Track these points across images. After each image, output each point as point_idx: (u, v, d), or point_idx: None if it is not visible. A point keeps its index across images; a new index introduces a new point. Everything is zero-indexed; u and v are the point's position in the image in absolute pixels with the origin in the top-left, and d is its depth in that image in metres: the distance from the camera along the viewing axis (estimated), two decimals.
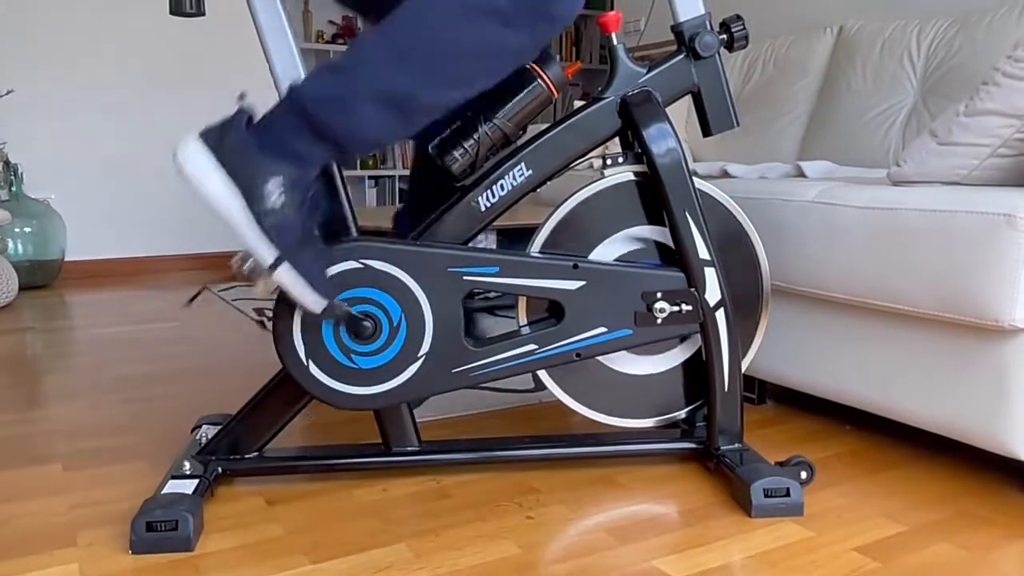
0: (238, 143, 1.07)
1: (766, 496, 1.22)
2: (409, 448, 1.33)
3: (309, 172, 1.12)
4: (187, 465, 1.25)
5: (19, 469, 1.42)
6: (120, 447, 1.52)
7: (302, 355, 1.23)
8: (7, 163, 3.34)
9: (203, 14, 1.17)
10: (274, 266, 1.08)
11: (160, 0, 3.58)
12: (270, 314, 1.83)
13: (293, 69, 1.20)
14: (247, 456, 1.30)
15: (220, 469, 1.28)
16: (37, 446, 1.54)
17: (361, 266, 1.21)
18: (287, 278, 1.09)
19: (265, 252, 1.08)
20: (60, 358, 2.22)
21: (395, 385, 1.25)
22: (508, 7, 1.08)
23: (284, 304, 1.20)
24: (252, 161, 1.07)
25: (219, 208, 1.07)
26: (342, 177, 1.22)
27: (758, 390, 1.78)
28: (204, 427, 1.39)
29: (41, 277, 3.39)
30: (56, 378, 2.02)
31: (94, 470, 1.41)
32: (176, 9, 1.15)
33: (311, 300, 1.12)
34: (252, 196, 1.07)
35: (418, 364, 1.25)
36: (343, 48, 4.75)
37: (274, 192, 1.07)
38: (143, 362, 2.16)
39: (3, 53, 3.43)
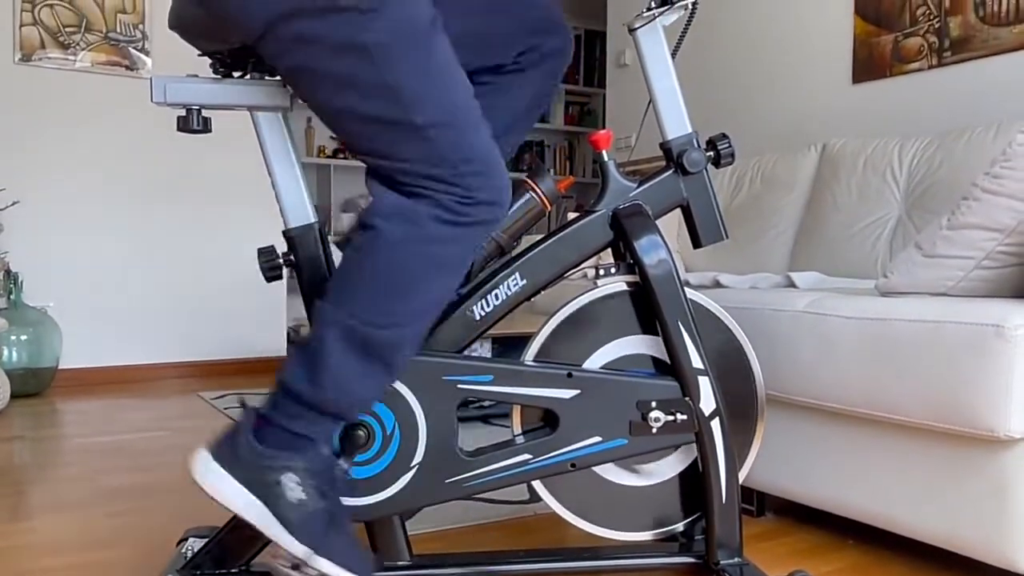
0: (247, 452, 1.11)
1: None
2: (400, 562, 1.30)
3: (321, 452, 1.14)
4: None
5: None
6: (105, 562, 1.48)
7: None
8: (8, 272, 3.37)
9: (209, 131, 1.21)
10: (308, 560, 1.10)
11: (164, 116, 3.70)
12: None
13: (297, 191, 1.24)
14: (233, 570, 1.27)
15: None
16: (19, 560, 1.49)
17: None
18: (323, 567, 1.11)
19: (298, 550, 1.10)
20: (47, 468, 2.18)
21: (387, 496, 1.23)
22: (437, 229, 1.11)
23: None
24: (264, 465, 1.11)
25: (247, 517, 1.10)
26: None
27: (757, 502, 1.75)
28: (191, 539, 1.36)
29: (34, 385, 3.37)
30: (42, 489, 1.98)
31: None
32: (183, 127, 1.20)
33: None
34: (272, 499, 1.10)
35: (411, 474, 1.24)
36: (344, 162, 4.88)
37: (293, 488, 1.10)
38: (131, 472, 2.12)
39: (9, 165, 3.52)
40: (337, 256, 1.21)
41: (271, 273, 1.28)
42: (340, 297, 1.13)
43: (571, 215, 1.56)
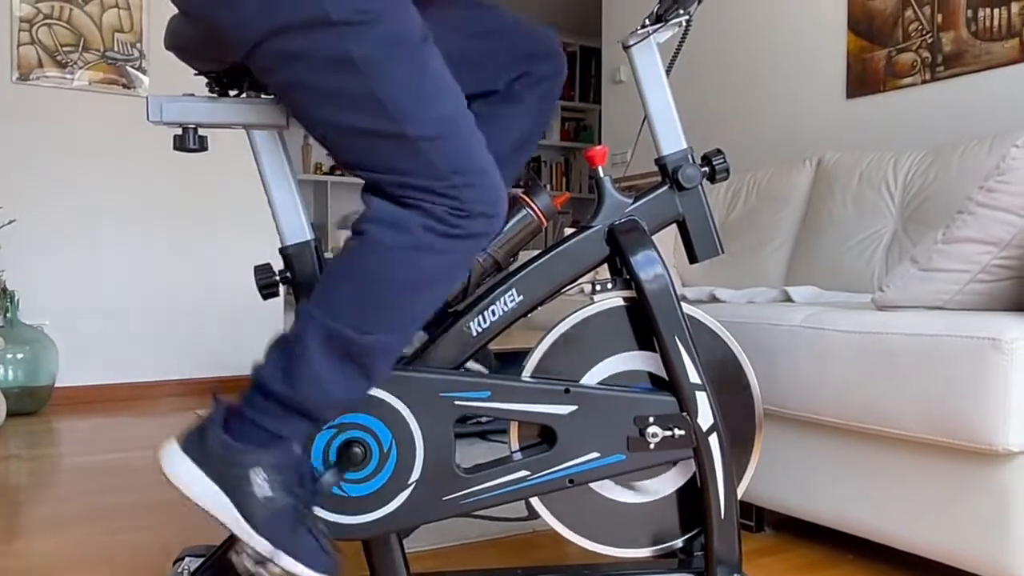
0: (216, 445, 1.10)
1: None
2: None
3: (291, 450, 1.13)
4: None
5: None
6: None
7: None
8: (4, 290, 3.37)
9: (206, 150, 1.21)
10: (272, 557, 1.10)
11: (160, 135, 3.71)
12: None
13: (293, 209, 1.24)
14: None
15: None
16: None
17: None
18: (287, 565, 1.10)
19: (261, 547, 1.10)
20: (43, 487, 2.17)
21: (384, 514, 1.23)
22: (429, 239, 1.10)
23: None
24: (233, 459, 1.10)
25: (210, 511, 1.09)
26: None
27: (756, 517, 1.74)
28: (187, 559, 1.35)
29: (30, 404, 3.36)
30: (37, 508, 1.97)
31: None
32: (180, 146, 1.20)
33: None
34: (239, 495, 1.09)
35: (408, 492, 1.23)
36: (340, 179, 4.89)
37: (261, 483, 1.10)
38: (128, 491, 2.11)
39: (6, 183, 3.52)
40: None
41: (267, 290, 1.28)
42: (325, 300, 1.12)
43: (567, 231, 1.56)
